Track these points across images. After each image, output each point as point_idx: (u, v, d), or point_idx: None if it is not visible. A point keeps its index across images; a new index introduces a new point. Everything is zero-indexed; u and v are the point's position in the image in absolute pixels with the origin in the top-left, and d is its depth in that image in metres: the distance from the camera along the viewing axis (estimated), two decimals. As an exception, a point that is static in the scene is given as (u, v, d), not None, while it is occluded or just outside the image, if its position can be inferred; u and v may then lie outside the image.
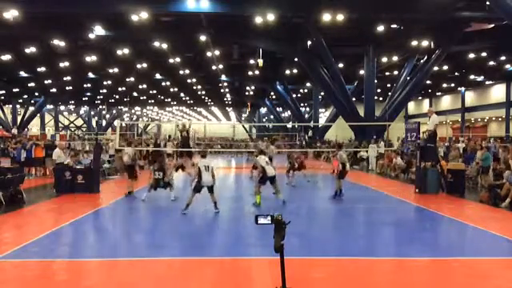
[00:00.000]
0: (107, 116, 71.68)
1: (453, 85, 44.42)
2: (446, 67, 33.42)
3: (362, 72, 30.17)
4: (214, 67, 33.34)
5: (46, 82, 40.34)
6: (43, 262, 6.76)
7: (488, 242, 8.42)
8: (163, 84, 43.21)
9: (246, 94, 50.17)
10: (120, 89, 46.91)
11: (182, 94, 52.09)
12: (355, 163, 24.70)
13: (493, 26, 22.12)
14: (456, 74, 38.35)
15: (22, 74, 36.85)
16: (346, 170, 13.08)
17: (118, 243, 8.18)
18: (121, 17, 20.78)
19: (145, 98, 55.19)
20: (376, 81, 30.20)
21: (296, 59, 30.71)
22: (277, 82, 41.83)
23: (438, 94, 51.86)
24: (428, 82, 38.28)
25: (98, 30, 23.15)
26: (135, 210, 12.12)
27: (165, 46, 25.84)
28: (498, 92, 42.84)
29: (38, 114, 56.46)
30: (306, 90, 47.37)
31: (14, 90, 46.16)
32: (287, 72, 35.86)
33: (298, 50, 27.15)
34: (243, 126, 75.08)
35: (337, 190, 13.12)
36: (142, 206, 12.10)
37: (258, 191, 11.78)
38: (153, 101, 59.80)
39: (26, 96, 51.81)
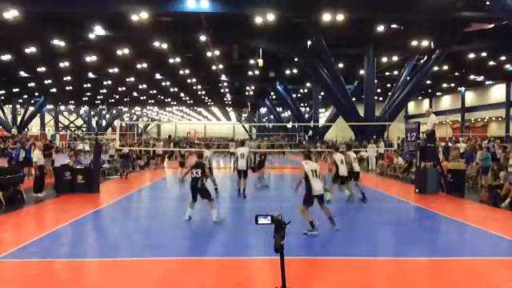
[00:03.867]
0: (107, 116, 71.71)
1: (453, 85, 44.44)
2: (446, 67, 33.44)
3: (362, 72, 30.17)
4: (214, 67, 33.36)
5: (45, 82, 40.36)
6: (43, 261, 6.76)
7: (488, 242, 8.41)
8: (163, 84, 43.25)
9: (246, 94, 50.19)
10: (120, 89, 46.94)
11: (181, 94, 52.13)
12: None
13: (493, 26, 22.12)
14: (456, 74, 38.38)
15: (22, 73, 36.87)
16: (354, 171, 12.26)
17: (118, 243, 8.17)
18: (121, 17, 20.79)
19: (145, 98, 55.23)
20: (376, 81, 30.20)
21: (296, 59, 30.73)
22: (277, 82, 41.85)
23: (438, 94, 51.89)
24: (428, 82, 38.31)
25: (98, 30, 23.16)
26: (135, 209, 12.13)
27: (165, 45, 25.86)
28: (497, 92, 42.85)
29: (38, 114, 56.48)
30: (305, 90, 47.40)
31: (14, 90, 46.21)
32: (287, 72, 35.87)
33: (297, 50, 27.17)
34: (243, 126, 75.12)
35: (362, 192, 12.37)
36: (142, 206, 12.11)
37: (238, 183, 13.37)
38: (153, 101, 59.85)
39: (26, 96, 51.85)
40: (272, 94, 48.74)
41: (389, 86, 36.85)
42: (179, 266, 6.71)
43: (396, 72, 33.17)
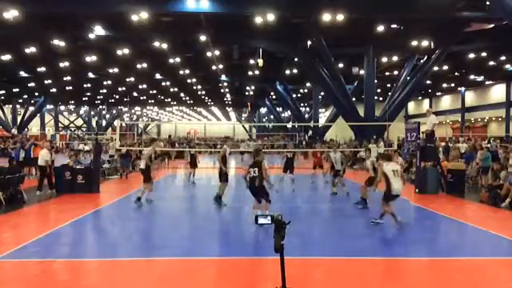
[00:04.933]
0: (107, 116, 71.68)
1: (453, 85, 44.40)
2: (446, 67, 33.40)
3: (362, 72, 30.17)
4: (214, 67, 33.34)
5: (45, 82, 40.34)
6: (43, 261, 6.76)
7: (488, 242, 8.42)
8: (163, 84, 43.22)
9: (246, 93, 50.17)
10: (120, 89, 46.92)
11: (182, 94, 52.10)
12: (355, 163, 24.70)
13: (493, 26, 22.11)
14: (456, 74, 38.34)
15: (22, 73, 36.84)
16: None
17: (118, 243, 8.18)
18: (121, 17, 20.77)
19: (145, 98, 55.21)
20: (376, 81, 30.20)
21: (296, 59, 30.73)
22: (277, 82, 41.84)
23: (438, 94, 51.85)
24: (428, 82, 38.28)
25: (98, 30, 23.14)
26: (135, 210, 12.12)
27: (165, 45, 25.83)
28: (497, 92, 42.83)
29: (38, 114, 56.43)
30: (305, 90, 47.39)
31: (14, 90, 46.16)
32: (287, 72, 35.86)
33: (297, 50, 27.16)
34: (243, 126, 75.07)
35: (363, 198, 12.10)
36: (142, 207, 12.08)
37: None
38: (153, 101, 59.81)
39: (26, 96, 51.80)
40: (272, 93, 48.73)
41: (389, 86, 36.83)
42: (179, 265, 6.71)
43: (396, 72, 33.16)
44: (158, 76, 39.32)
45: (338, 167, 13.79)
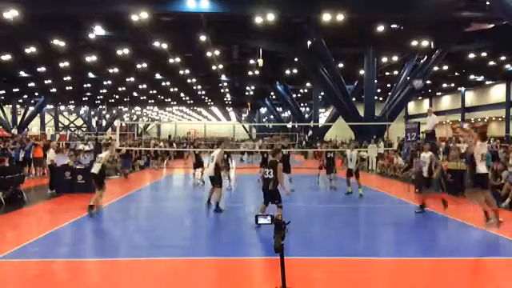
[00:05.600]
0: (107, 116, 71.68)
1: (453, 85, 44.44)
2: (446, 67, 33.44)
3: (362, 72, 30.18)
4: (214, 67, 33.35)
5: (45, 82, 40.35)
6: (43, 262, 6.76)
7: (488, 242, 8.41)
8: (163, 84, 43.23)
9: (246, 94, 50.18)
10: (120, 89, 46.94)
11: (182, 94, 52.13)
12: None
13: (493, 25, 22.13)
14: (456, 74, 38.37)
15: (22, 74, 36.85)
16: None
17: (118, 243, 8.17)
18: (121, 17, 20.79)
19: (145, 98, 55.22)
20: (376, 81, 30.21)
21: (296, 59, 30.74)
22: (277, 82, 41.83)
23: (438, 94, 51.89)
24: (428, 81, 38.28)
25: (98, 30, 23.16)
26: (135, 210, 12.12)
27: (165, 45, 25.85)
28: (497, 92, 42.85)
29: (38, 114, 56.43)
30: (305, 90, 47.40)
31: (14, 90, 46.17)
32: (287, 72, 35.88)
33: (298, 50, 27.17)
34: (243, 126, 75.07)
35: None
36: (142, 207, 12.11)
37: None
38: (153, 101, 59.83)
39: (26, 96, 51.82)
40: (272, 93, 48.73)
41: (389, 86, 36.84)
42: (179, 266, 6.71)
43: (396, 72, 33.17)
44: (158, 76, 39.35)
45: (351, 166, 13.79)
